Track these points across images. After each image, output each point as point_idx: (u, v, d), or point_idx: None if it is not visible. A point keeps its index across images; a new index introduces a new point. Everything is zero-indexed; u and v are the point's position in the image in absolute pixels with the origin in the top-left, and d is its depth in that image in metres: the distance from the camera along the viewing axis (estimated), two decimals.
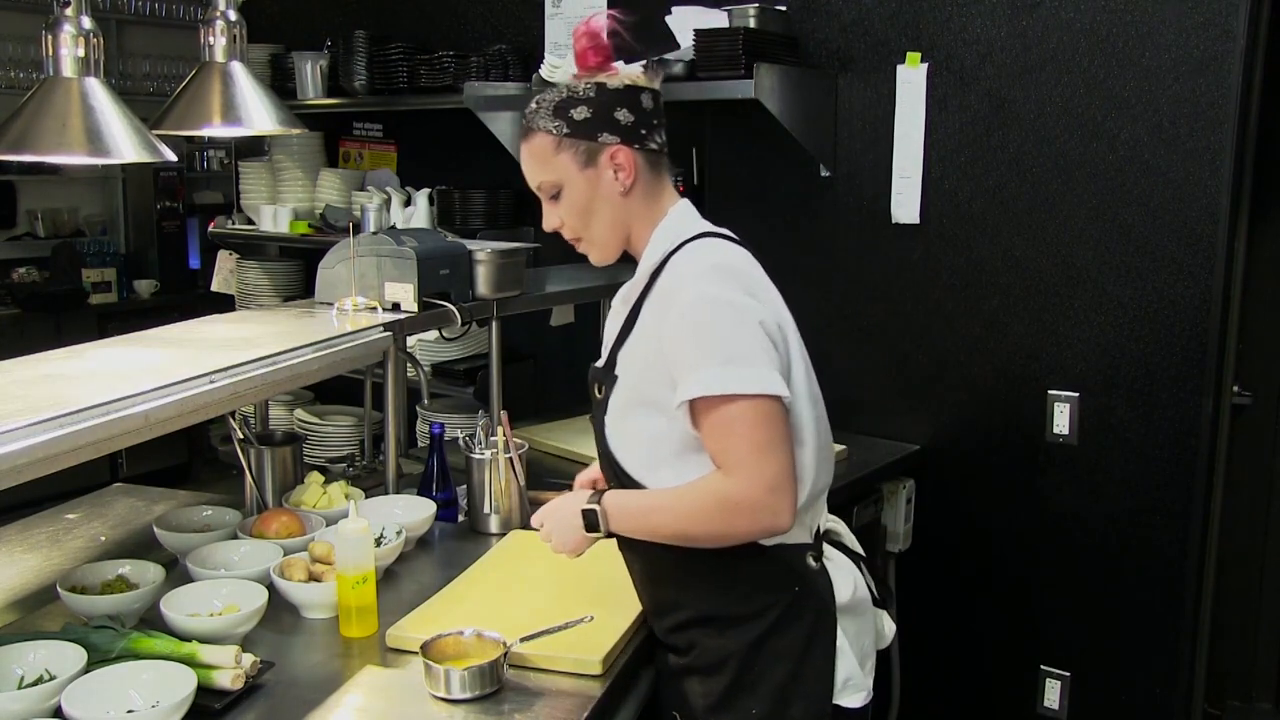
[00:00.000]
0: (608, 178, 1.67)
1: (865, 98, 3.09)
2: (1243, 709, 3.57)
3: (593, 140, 1.66)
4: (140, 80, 6.22)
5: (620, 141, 1.66)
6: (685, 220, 1.73)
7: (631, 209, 1.70)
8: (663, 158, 1.73)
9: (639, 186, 1.69)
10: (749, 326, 1.55)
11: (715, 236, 1.72)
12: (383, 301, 2.48)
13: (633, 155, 1.67)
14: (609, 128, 1.65)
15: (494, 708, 1.60)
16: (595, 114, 1.65)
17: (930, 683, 3.17)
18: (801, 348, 1.70)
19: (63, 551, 2.22)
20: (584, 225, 1.72)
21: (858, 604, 1.73)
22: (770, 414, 1.54)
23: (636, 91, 1.67)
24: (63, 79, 1.85)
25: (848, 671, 1.67)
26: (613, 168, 1.67)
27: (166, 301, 5.94)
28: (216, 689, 1.59)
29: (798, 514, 1.61)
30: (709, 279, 1.59)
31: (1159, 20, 2.64)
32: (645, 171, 1.70)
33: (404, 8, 4.10)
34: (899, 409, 3.13)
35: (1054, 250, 2.85)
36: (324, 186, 4.17)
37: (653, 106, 1.69)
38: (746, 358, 1.53)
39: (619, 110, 1.65)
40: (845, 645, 1.67)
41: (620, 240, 1.74)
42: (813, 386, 1.71)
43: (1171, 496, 2.75)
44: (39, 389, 1.69)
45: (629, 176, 1.67)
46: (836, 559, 1.74)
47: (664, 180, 1.74)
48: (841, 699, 1.67)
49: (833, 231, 3.19)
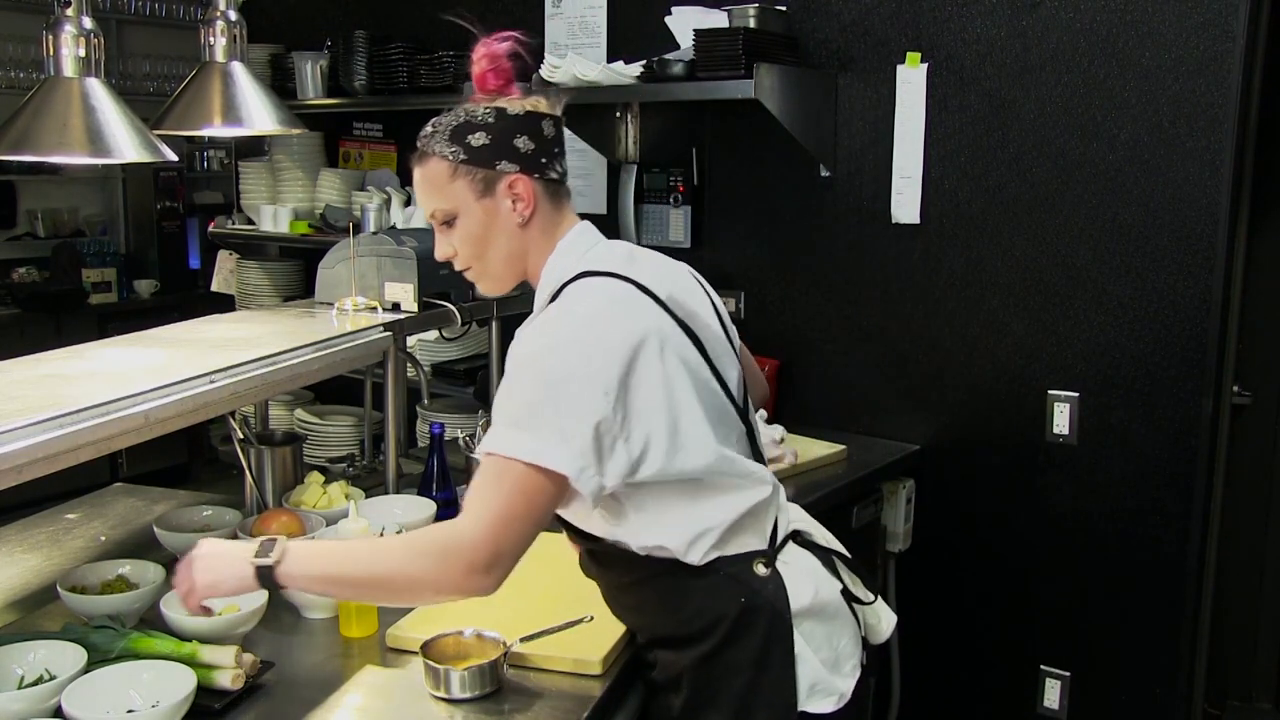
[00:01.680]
0: (505, 208, 1.60)
1: (865, 98, 3.09)
2: (1243, 709, 3.57)
3: (490, 168, 1.58)
4: (140, 80, 6.22)
5: (520, 170, 1.59)
6: (570, 256, 1.63)
7: (528, 240, 1.63)
8: (563, 186, 1.66)
9: (537, 217, 1.62)
10: (553, 395, 1.45)
11: (590, 276, 1.59)
12: (383, 301, 2.48)
13: (532, 185, 1.60)
14: (508, 155, 1.58)
15: (494, 708, 1.60)
16: (494, 141, 1.58)
17: (930, 683, 3.17)
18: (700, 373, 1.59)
19: (63, 551, 2.22)
20: (478, 256, 1.65)
21: (822, 606, 1.66)
22: (534, 487, 1.44)
23: (538, 118, 1.60)
24: (63, 79, 1.85)
25: (812, 677, 1.61)
26: (510, 197, 1.60)
27: (166, 301, 5.94)
28: (216, 689, 1.59)
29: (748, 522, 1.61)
30: (535, 337, 1.52)
31: (1159, 20, 2.64)
32: (545, 201, 1.62)
33: (404, 8, 4.10)
34: (899, 409, 3.14)
35: (1054, 250, 2.85)
36: (324, 186, 4.17)
37: (554, 134, 1.62)
38: (535, 426, 1.44)
39: (519, 137, 1.58)
40: (806, 651, 1.61)
41: (516, 273, 1.67)
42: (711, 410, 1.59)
43: (1171, 496, 2.75)
44: (39, 389, 1.69)
45: (528, 207, 1.60)
46: (795, 562, 1.67)
47: (563, 209, 1.67)
48: (809, 705, 1.61)
49: (833, 231, 3.19)
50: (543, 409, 1.45)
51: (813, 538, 1.76)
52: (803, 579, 1.65)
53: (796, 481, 2.71)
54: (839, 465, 2.90)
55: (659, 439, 1.51)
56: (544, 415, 1.45)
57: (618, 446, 1.48)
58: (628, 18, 3.52)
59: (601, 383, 1.46)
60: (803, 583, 1.65)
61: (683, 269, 1.77)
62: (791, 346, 3.30)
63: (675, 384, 1.54)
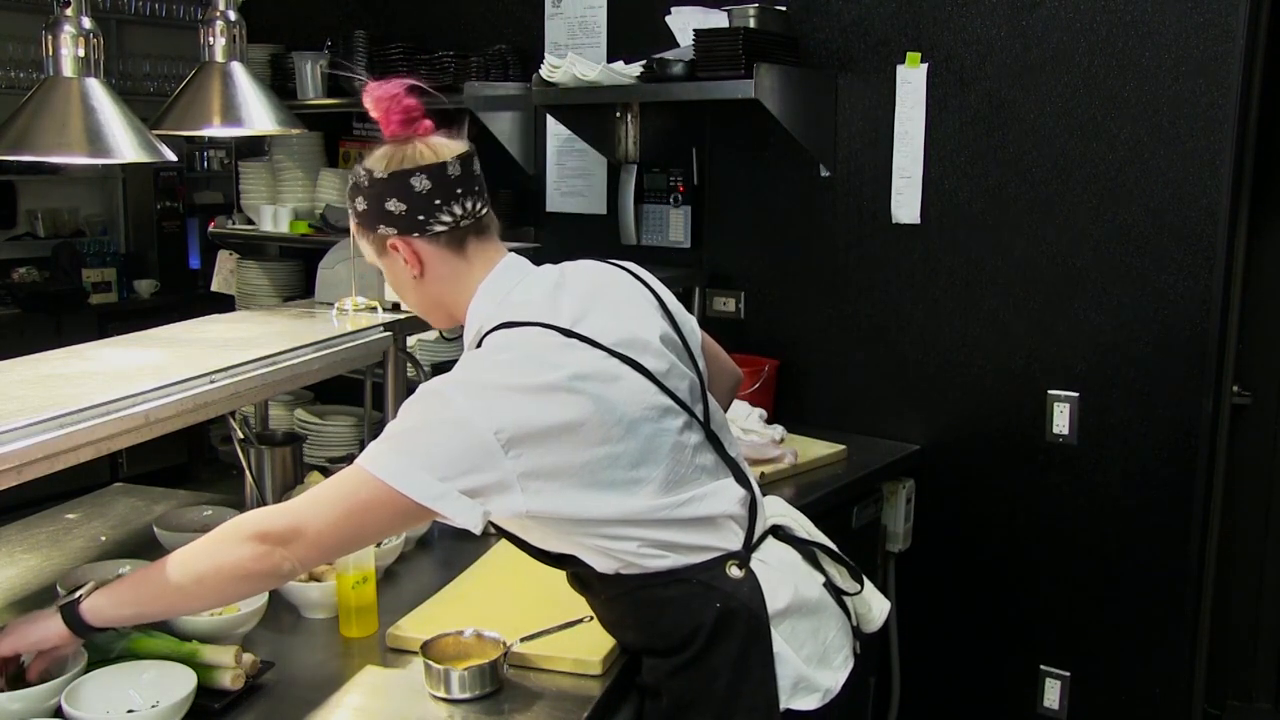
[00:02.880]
0: (399, 264, 1.62)
1: (865, 98, 3.09)
2: (1243, 709, 3.57)
3: (374, 231, 1.61)
4: (140, 80, 6.22)
5: (397, 233, 1.59)
6: (491, 300, 1.61)
7: (438, 290, 1.64)
8: (460, 230, 1.61)
9: (432, 270, 1.62)
10: (438, 428, 1.44)
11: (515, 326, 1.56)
12: (383, 301, 2.48)
13: (412, 244, 1.59)
14: (383, 219, 1.59)
15: (494, 708, 1.60)
16: (370, 206, 1.59)
17: (930, 682, 3.17)
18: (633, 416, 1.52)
19: (63, 551, 2.22)
20: (405, 301, 1.72)
21: (803, 603, 1.64)
22: (375, 499, 1.44)
23: (405, 176, 1.56)
24: (63, 79, 1.85)
25: (795, 676, 1.60)
26: (399, 257, 1.62)
27: (166, 301, 5.93)
28: (216, 689, 1.59)
29: (710, 531, 1.59)
30: (447, 377, 1.51)
31: (1159, 20, 2.64)
32: (437, 253, 1.61)
33: (404, 8, 4.10)
34: (899, 409, 3.13)
35: (1054, 250, 2.85)
36: (324, 186, 4.17)
37: (430, 187, 1.56)
38: (405, 449, 1.44)
39: (389, 200, 1.57)
40: (787, 651, 1.60)
41: (440, 317, 1.71)
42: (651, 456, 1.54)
43: (1171, 496, 2.75)
44: (39, 389, 1.69)
45: (413, 266, 1.61)
46: (772, 560, 1.65)
47: (470, 251, 1.63)
48: (793, 703, 1.60)
49: (833, 231, 3.19)
50: (418, 436, 1.45)
51: (793, 531, 1.75)
52: (781, 577, 1.64)
53: (796, 481, 2.72)
54: (839, 465, 2.89)
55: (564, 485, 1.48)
56: (417, 442, 1.45)
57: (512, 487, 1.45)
58: (628, 18, 3.52)
59: (491, 425, 1.43)
60: (781, 581, 1.63)
61: (617, 277, 1.72)
62: (791, 346, 3.30)
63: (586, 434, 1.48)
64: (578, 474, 1.48)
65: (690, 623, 1.58)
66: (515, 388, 1.47)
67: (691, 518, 1.58)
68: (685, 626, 1.59)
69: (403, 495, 1.42)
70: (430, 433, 1.45)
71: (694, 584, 1.59)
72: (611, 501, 1.51)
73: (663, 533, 1.56)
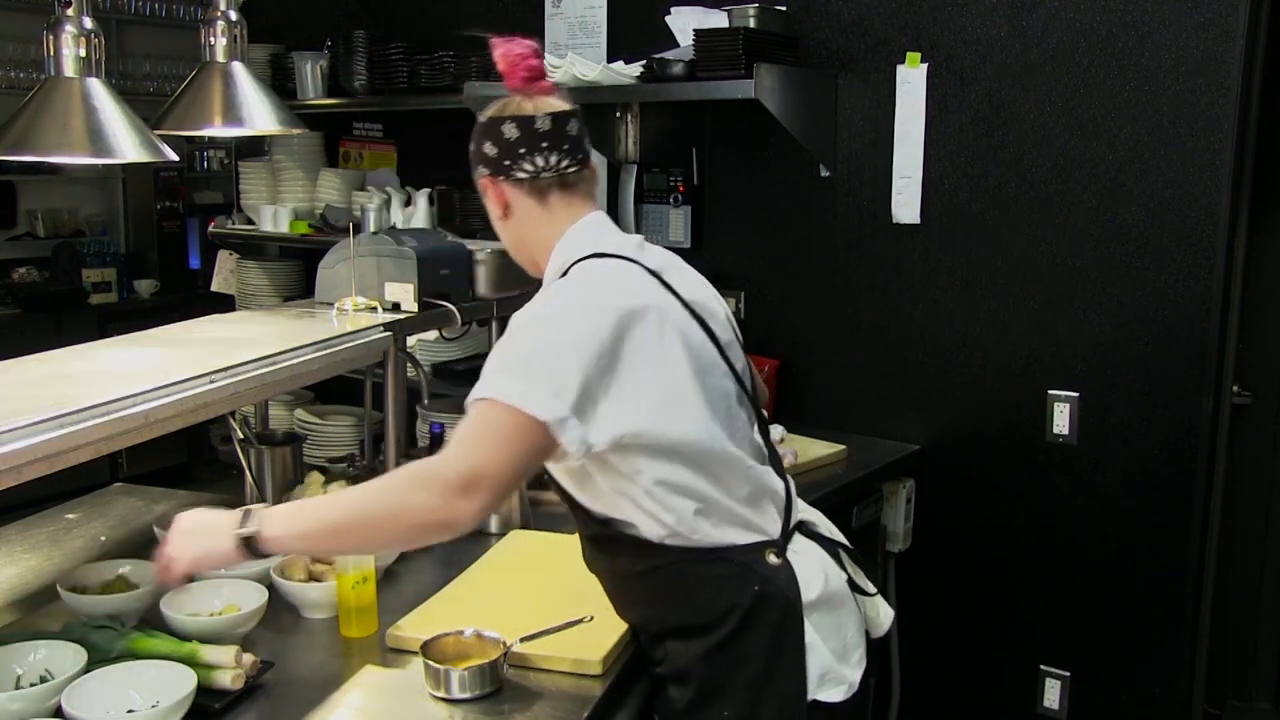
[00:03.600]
0: (492, 206, 1.75)
1: (865, 98, 3.09)
2: (1243, 709, 3.57)
3: (474, 171, 1.75)
4: (140, 80, 6.21)
5: (489, 174, 1.72)
6: (578, 242, 1.69)
7: (519, 233, 1.75)
8: (540, 181, 1.69)
9: (516, 214, 1.72)
10: (547, 349, 1.51)
11: (600, 257, 1.66)
12: (383, 301, 2.48)
13: (500, 186, 1.71)
14: (480, 161, 1.72)
15: (494, 708, 1.60)
16: (474, 147, 1.73)
17: (930, 682, 3.17)
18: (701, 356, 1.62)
19: (63, 551, 2.22)
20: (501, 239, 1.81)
21: (831, 596, 1.69)
22: (516, 427, 1.47)
23: (498, 124, 1.69)
24: (64, 79, 1.85)
25: (822, 667, 1.64)
26: (490, 196, 1.74)
27: (166, 301, 5.93)
28: (216, 689, 1.59)
29: (756, 508, 1.65)
30: (540, 303, 1.61)
31: (1159, 20, 2.64)
32: (521, 199, 1.71)
33: (404, 8, 4.10)
34: (899, 409, 3.14)
35: (1054, 250, 2.85)
36: (324, 186, 4.17)
37: (518, 135, 1.68)
38: (525, 373, 1.49)
39: (485, 144, 1.71)
40: (816, 641, 1.65)
41: (526, 260, 1.79)
42: (694, 393, 1.60)
43: (1171, 496, 2.75)
44: (39, 389, 1.70)
45: (499, 206, 1.73)
46: (804, 551, 1.71)
47: (553, 202, 1.71)
48: (819, 694, 1.64)
49: (833, 231, 3.19)
50: (534, 361, 1.51)
51: (818, 529, 1.80)
52: (813, 569, 1.69)
53: (797, 481, 2.65)
54: (839, 465, 2.90)
55: (648, 402, 1.55)
56: (534, 366, 1.50)
57: (606, 405, 1.52)
58: (628, 18, 3.52)
59: (596, 343, 1.51)
60: (813, 572, 1.68)
61: (693, 270, 1.84)
62: (791, 346, 3.30)
63: (671, 355, 1.58)
64: (663, 395, 1.56)
65: (726, 603, 1.62)
66: (608, 309, 1.55)
67: (747, 482, 1.64)
68: (720, 606, 1.63)
69: (532, 418, 1.46)
70: (541, 355, 1.51)
71: (734, 564, 1.63)
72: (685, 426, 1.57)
73: (719, 492, 1.61)
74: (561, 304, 1.59)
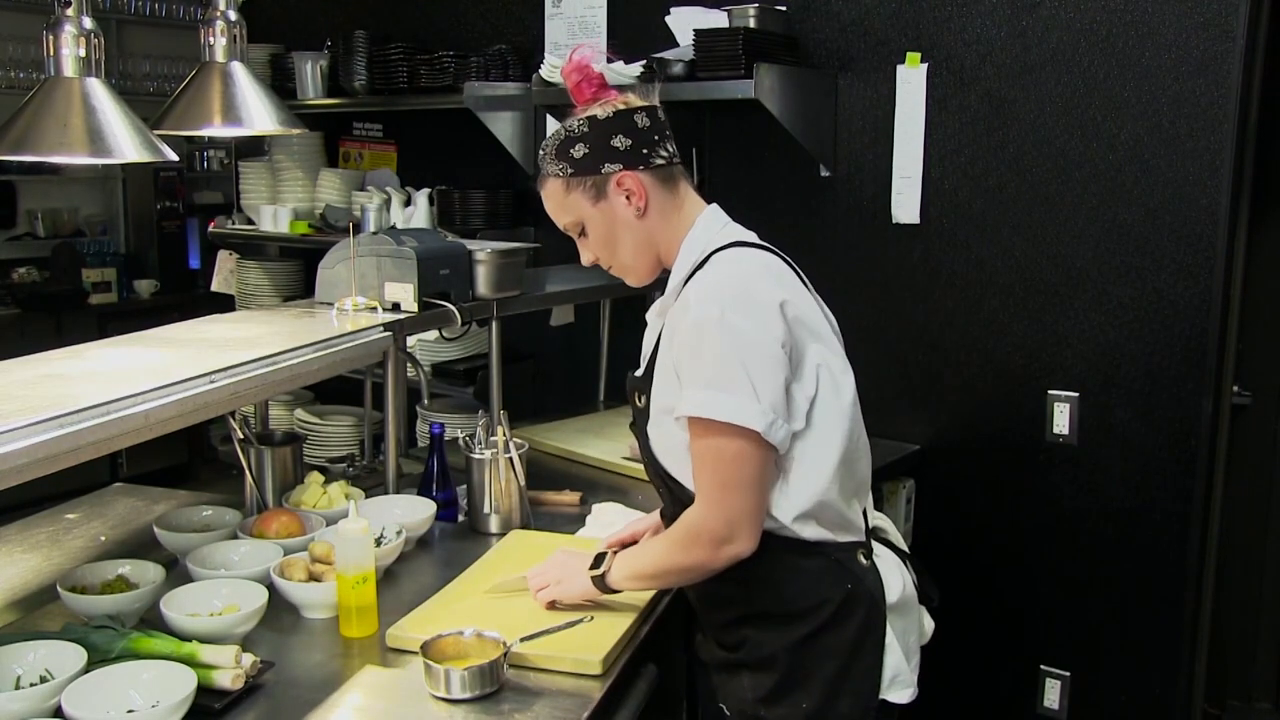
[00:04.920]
0: (621, 205, 1.71)
1: (865, 98, 3.09)
2: (1243, 709, 3.57)
3: (597, 173, 1.70)
4: (140, 80, 6.22)
5: (623, 167, 1.69)
6: (711, 230, 1.74)
7: (652, 229, 1.73)
8: (674, 169, 1.75)
9: (654, 205, 1.72)
10: (740, 353, 1.56)
11: (740, 246, 1.71)
12: (383, 301, 2.48)
13: (639, 177, 1.70)
14: (609, 157, 1.69)
15: (494, 708, 1.60)
16: (593, 147, 1.69)
17: (930, 682, 3.16)
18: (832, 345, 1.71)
19: (63, 551, 2.22)
20: (612, 254, 1.77)
21: (906, 601, 1.76)
22: (740, 451, 1.57)
23: (629, 114, 1.70)
24: (64, 79, 1.84)
25: (895, 668, 1.70)
26: (623, 194, 1.71)
27: (166, 301, 5.94)
28: (216, 689, 1.59)
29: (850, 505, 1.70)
30: (712, 300, 1.61)
31: (1159, 20, 2.64)
32: (657, 189, 1.72)
33: (404, 8, 4.10)
34: (899, 409, 3.13)
35: (1054, 250, 2.85)
36: (324, 186, 4.17)
37: (649, 124, 1.71)
38: (728, 385, 1.55)
39: (615, 137, 1.69)
40: (893, 642, 1.70)
41: (650, 262, 1.78)
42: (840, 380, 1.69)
43: (1171, 496, 2.75)
44: (39, 389, 1.69)
45: (640, 199, 1.71)
46: (885, 556, 1.76)
47: (681, 191, 1.76)
48: (889, 694, 1.70)
49: (833, 231, 3.19)
50: (733, 367, 1.55)
51: (888, 535, 1.85)
52: (893, 574, 1.74)
53: None
54: None
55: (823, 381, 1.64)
56: (735, 373, 1.54)
57: (796, 393, 1.61)
58: (627, 18, 3.52)
59: (778, 336, 1.58)
60: (893, 578, 1.74)
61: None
62: None
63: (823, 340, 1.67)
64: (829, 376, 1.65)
65: (818, 595, 1.67)
66: (778, 303, 1.61)
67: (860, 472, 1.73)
68: (813, 598, 1.68)
69: (749, 429, 1.55)
70: (735, 362, 1.55)
71: (830, 560, 1.68)
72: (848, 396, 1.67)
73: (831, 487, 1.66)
74: (737, 299, 1.60)
